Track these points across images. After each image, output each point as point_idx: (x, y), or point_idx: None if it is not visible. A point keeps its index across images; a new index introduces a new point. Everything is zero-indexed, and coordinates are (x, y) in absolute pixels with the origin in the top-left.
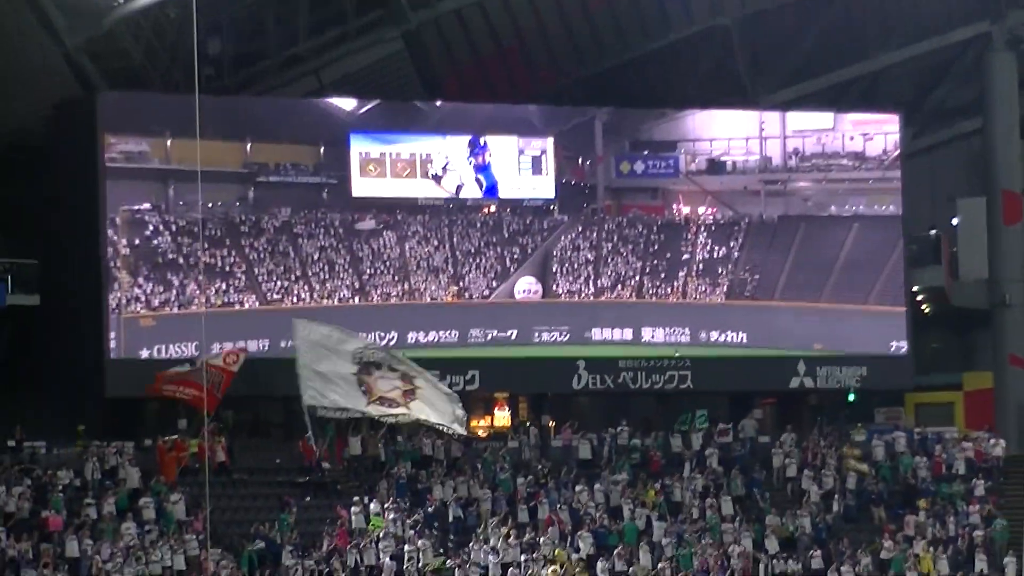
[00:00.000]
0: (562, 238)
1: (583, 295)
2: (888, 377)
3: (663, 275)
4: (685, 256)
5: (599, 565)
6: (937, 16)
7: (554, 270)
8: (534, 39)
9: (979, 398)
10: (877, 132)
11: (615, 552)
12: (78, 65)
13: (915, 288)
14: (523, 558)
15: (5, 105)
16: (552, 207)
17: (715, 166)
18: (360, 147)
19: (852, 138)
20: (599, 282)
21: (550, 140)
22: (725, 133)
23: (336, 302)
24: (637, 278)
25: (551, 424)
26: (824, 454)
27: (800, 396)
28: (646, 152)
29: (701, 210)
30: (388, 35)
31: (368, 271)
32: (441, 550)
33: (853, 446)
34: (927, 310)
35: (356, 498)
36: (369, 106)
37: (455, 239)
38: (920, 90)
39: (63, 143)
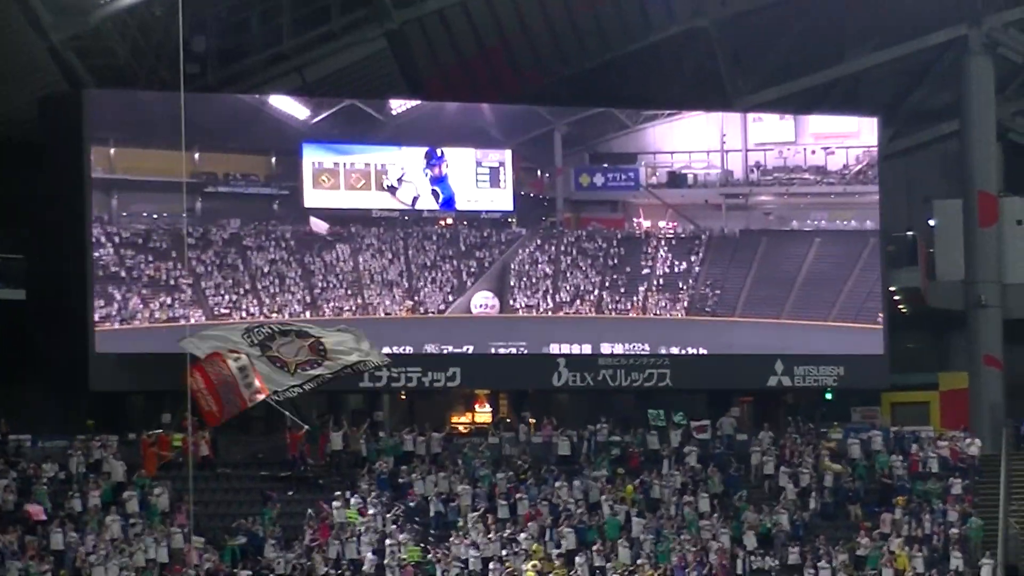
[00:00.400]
0: (520, 252)
1: (541, 310)
2: (865, 376)
3: (623, 290)
4: (645, 271)
5: (577, 560)
6: (915, 19)
7: (512, 284)
8: (518, 40)
9: (954, 398)
10: (839, 146)
11: (594, 548)
12: (64, 61)
13: (892, 288)
14: (503, 552)
15: None
16: (510, 220)
17: (676, 179)
18: (313, 157)
19: (814, 152)
20: (558, 296)
21: (508, 152)
22: (686, 146)
23: (287, 316)
24: (596, 292)
25: (531, 421)
26: (801, 452)
27: (778, 394)
28: (606, 164)
29: (662, 224)
30: (372, 34)
31: (320, 285)
32: (421, 544)
33: (829, 441)
34: (904, 310)
35: (338, 493)
36: (323, 115)
37: (410, 252)
38: (898, 93)
39: (49, 139)
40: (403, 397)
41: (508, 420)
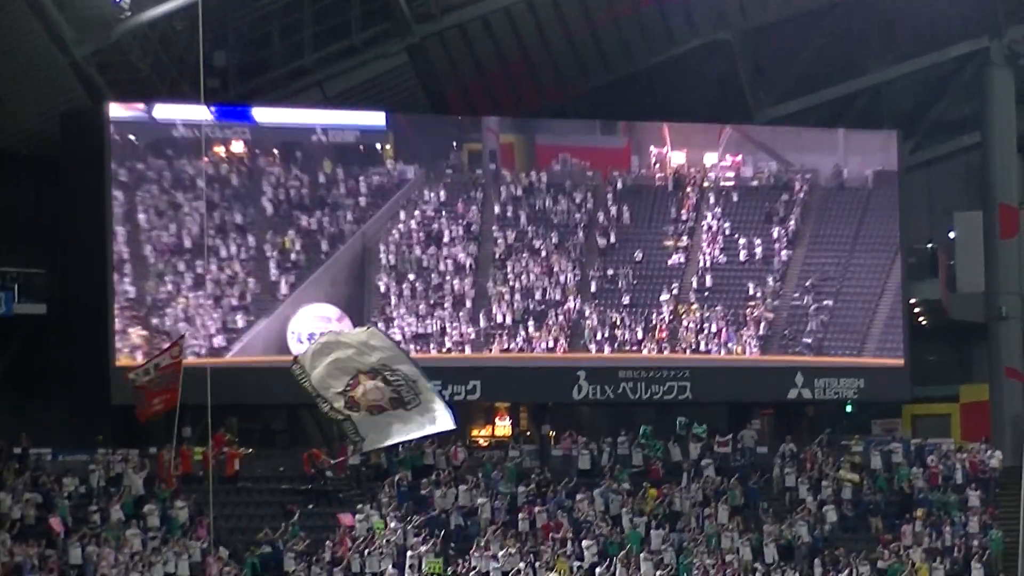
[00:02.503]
0: (403, 216)
1: (453, 344)
2: (885, 389)
3: (626, 300)
4: (674, 259)
5: (597, 572)
6: (936, 31)
7: (383, 288)
8: (539, 53)
9: (975, 410)
10: None
11: (615, 559)
12: (86, 75)
13: (912, 300)
14: (522, 565)
15: (14, 115)
16: (382, 149)
17: None
18: None
19: None
20: (487, 314)
21: None
22: None
23: None
24: (571, 304)
25: (551, 433)
26: (821, 464)
27: (798, 407)
28: None
29: (708, 160)
30: (393, 48)
31: None
32: (442, 557)
33: (850, 455)
34: (924, 322)
35: (359, 505)
36: None
37: (165, 216)
38: (919, 105)
39: (71, 153)
40: None
41: (528, 433)
